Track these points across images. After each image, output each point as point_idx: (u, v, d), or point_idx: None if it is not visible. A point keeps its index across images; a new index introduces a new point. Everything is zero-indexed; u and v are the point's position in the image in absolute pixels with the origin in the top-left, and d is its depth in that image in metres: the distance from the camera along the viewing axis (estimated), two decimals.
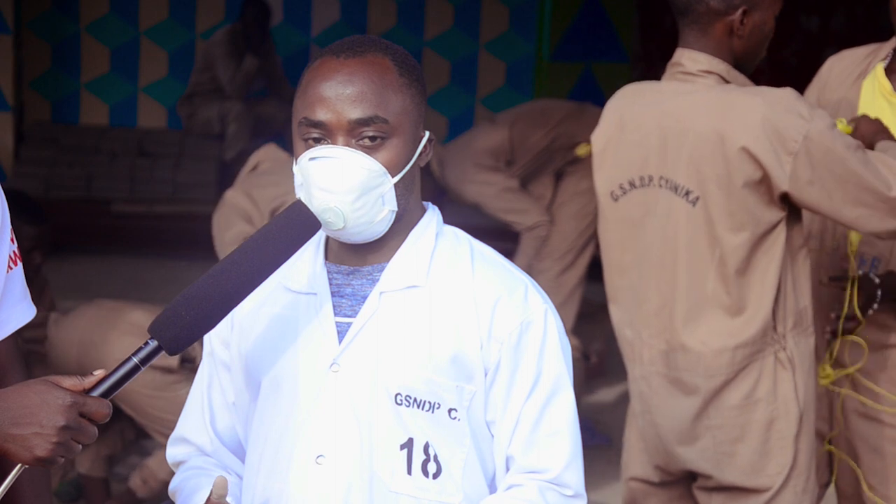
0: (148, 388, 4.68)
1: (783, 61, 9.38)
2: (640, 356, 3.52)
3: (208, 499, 2.21)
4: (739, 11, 3.33)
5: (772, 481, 3.41)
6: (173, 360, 4.74)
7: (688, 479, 3.58)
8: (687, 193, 3.35)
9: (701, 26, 3.37)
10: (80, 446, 2.05)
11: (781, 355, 3.38)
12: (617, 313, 3.58)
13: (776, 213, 3.31)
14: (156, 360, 4.86)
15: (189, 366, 4.78)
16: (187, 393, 4.72)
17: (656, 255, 3.43)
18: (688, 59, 3.40)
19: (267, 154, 5.44)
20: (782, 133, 3.23)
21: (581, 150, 6.23)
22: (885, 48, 3.77)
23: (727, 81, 3.37)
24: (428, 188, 2.39)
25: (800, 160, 3.24)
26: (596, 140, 3.56)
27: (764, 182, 3.27)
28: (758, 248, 3.33)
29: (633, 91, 3.56)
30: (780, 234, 3.33)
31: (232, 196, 5.19)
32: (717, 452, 3.43)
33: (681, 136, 3.35)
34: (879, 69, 3.74)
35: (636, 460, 3.63)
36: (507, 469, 2.28)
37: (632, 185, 3.46)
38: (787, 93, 3.30)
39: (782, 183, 3.26)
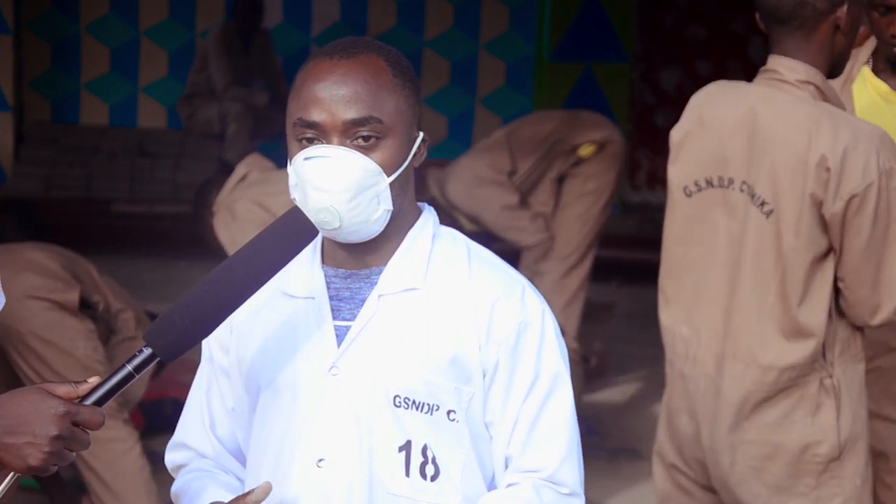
0: (43, 330, 4.54)
1: None
2: (693, 356, 3.48)
3: (240, 497, 2.20)
4: (845, 7, 3.29)
5: (799, 502, 3.38)
6: (74, 298, 4.60)
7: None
8: (762, 204, 3.31)
9: (805, 31, 3.31)
10: (74, 454, 2.05)
11: (827, 382, 3.34)
12: (672, 309, 3.54)
13: (828, 239, 3.30)
14: (57, 296, 4.63)
15: (90, 312, 4.69)
16: (85, 347, 4.61)
17: (723, 259, 3.39)
18: (785, 67, 3.33)
19: (254, 163, 5.42)
20: (852, 171, 3.21)
21: (584, 151, 6.23)
22: (863, 52, 3.80)
23: (822, 94, 3.32)
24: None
25: (853, 204, 3.22)
26: (675, 133, 3.51)
27: (822, 205, 3.26)
28: (815, 273, 3.30)
29: (718, 89, 3.50)
30: (832, 260, 3.31)
31: (245, 209, 5.15)
32: (746, 466, 3.41)
33: (767, 144, 3.30)
34: (867, 72, 3.75)
35: (675, 457, 3.60)
36: (506, 469, 2.29)
37: (709, 183, 3.42)
38: (878, 133, 3.27)
39: (826, 212, 3.25)
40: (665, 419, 3.63)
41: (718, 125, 3.40)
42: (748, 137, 3.34)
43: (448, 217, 6.12)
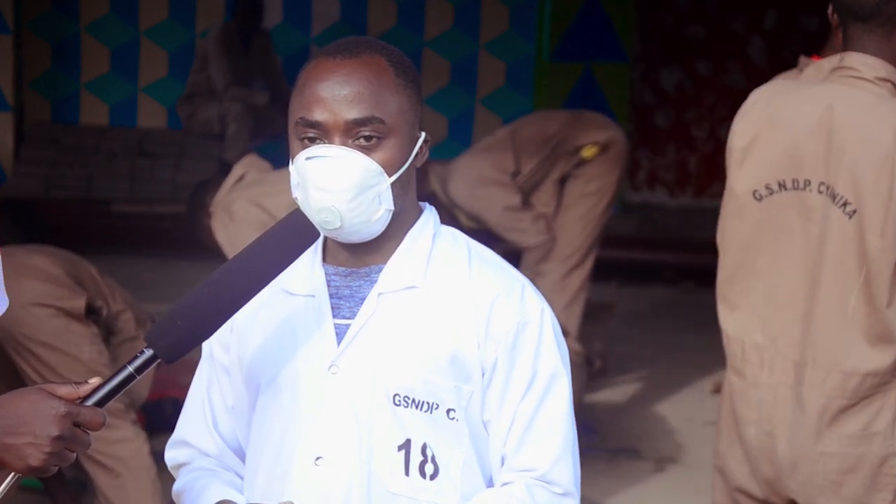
0: (49, 337, 4.56)
1: (783, 61, 9.36)
2: (770, 364, 3.38)
3: None
4: None
5: None
6: (80, 305, 4.62)
7: None
8: (845, 204, 3.23)
9: (888, 29, 3.25)
10: (74, 455, 2.05)
11: None
12: (739, 317, 3.44)
13: None
14: (63, 303, 4.68)
15: (94, 317, 4.70)
16: (91, 351, 4.63)
17: (799, 263, 3.31)
18: (863, 64, 3.26)
19: (251, 164, 5.42)
20: None
21: (587, 152, 6.23)
22: None
23: None
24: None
25: None
26: (740, 136, 3.42)
27: None
28: None
29: (784, 89, 3.44)
30: None
31: (242, 210, 5.14)
32: (826, 480, 3.34)
33: (847, 142, 3.23)
34: None
35: (739, 471, 3.50)
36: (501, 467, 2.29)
37: (782, 186, 3.33)
38: None
39: None
40: (728, 431, 3.52)
41: (792, 126, 3.32)
42: (826, 137, 3.26)
43: (448, 213, 6.12)
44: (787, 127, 3.33)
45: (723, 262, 3.48)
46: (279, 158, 6.56)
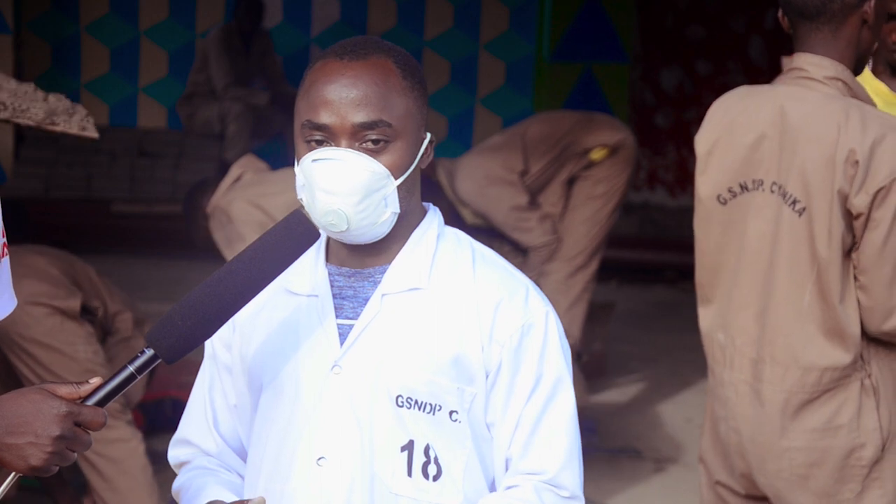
0: (45, 336, 4.57)
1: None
2: (730, 362, 3.44)
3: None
4: (872, 1, 3.26)
5: None
6: (76, 305, 4.63)
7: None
8: (794, 202, 3.27)
9: (834, 26, 3.27)
10: (75, 455, 2.05)
11: (867, 382, 3.30)
12: (710, 316, 3.50)
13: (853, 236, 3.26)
14: (59, 303, 4.70)
15: (89, 318, 4.71)
16: (86, 350, 4.62)
17: (756, 261, 3.36)
18: (812, 64, 3.29)
19: (248, 164, 5.42)
20: (880, 165, 3.18)
21: (596, 155, 6.23)
22: None
23: (850, 89, 3.29)
24: (443, 210, 2.39)
25: (878, 197, 3.18)
26: (701, 142, 3.46)
27: (848, 199, 3.23)
28: (849, 271, 3.25)
29: (743, 94, 3.46)
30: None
31: (241, 210, 5.14)
32: (793, 474, 3.37)
33: (797, 143, 3.27)
34: (866, 73, 3.74)
35: (719, 466, 3.54)
36: (507, 470, 2.29)
37: (743, 188, 3.38)
38: None
39: (853, 207, 3.21)
40: (709, 427, 3.58)
41: (748, 129, 3.36)
42: (778, 137, 3.30)
43: (451, 210, 6.12)
44: (744, 131, 3.37)
45: (697, 264, 3.53)
46: (279, 158, 6.57)
